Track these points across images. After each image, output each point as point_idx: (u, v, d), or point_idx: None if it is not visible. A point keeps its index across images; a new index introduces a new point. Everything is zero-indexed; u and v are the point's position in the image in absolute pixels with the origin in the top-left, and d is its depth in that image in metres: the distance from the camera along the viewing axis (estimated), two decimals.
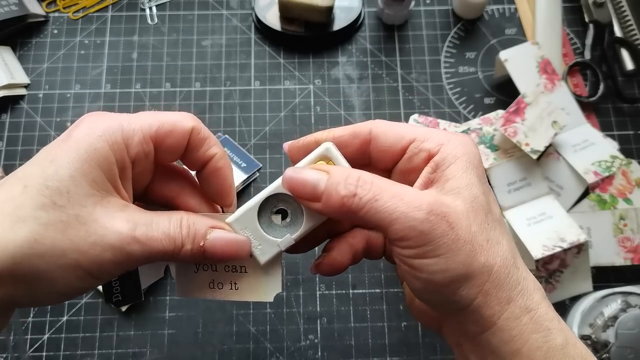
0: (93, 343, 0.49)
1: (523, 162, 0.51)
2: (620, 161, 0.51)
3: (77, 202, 0.23)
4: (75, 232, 0.22)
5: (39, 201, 0.22)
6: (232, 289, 0.28)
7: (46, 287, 0.23)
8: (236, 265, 0.28)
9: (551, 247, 0.47)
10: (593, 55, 0.59)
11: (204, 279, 0.29)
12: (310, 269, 0.29)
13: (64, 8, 0.61)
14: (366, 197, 0.23)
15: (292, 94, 0.58)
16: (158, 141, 0.26)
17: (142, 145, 0.25)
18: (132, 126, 0.25)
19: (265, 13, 0.60)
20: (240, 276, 0.28)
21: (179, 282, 0.29)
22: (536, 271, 0.49)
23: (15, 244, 0.22)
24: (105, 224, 0.23)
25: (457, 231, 0.23)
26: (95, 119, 0.25)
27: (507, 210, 0.51)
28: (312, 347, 0.50)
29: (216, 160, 0.28)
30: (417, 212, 0.23)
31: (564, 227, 0.48)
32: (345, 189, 0.24)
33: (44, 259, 0.22)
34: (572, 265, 0.49)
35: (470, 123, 0.54)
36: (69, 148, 0.23)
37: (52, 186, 0.22)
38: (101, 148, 0.24)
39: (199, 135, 0.27)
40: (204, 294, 0.29)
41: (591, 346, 0.45)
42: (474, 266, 0.23)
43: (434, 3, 0.62)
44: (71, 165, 0.23)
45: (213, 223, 0.26)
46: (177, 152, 0.27)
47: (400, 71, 0.59)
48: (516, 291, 0.24)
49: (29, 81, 0.58)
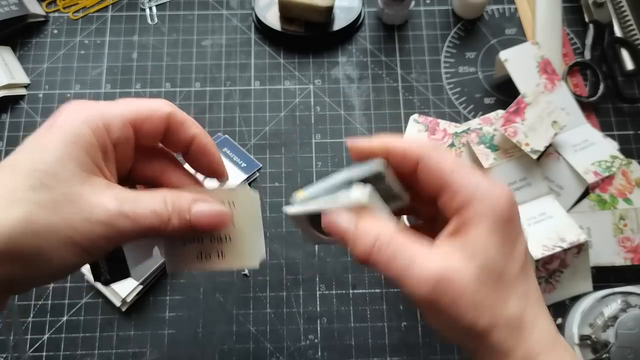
0: (93, 343, 0.49)
1: (523, 162, 0.51)
2: (620, 161, 0.51)
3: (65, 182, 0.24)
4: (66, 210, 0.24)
5: (29, 183, 0.23)
6: (219, 257, 0.30)
7: (42, 264, 0.24)
8: (221, 235, 0.30)
9: (551, 247, 0.47)
10: (593, 55, 0.59)
11: (192, 252, 0.30)
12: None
13: (64, 8, 0.61)
14: (382, 259, 0.25)
15: (292, 94, 0.58)
16: (137, 126, 0.27)
17: (122, 130, 0.26)
18: (112, 112, 0.26)
19: (265, 13, 0.60)
20: (226, 245, 0.30)
21: (169, 258, 0.31)
22: (536, 271, 0.49)
23: (10, 224, 0.23)
24: (93, 202, 0.24)
25: (459, 300, 0.24)
26: (76, 107, 0.26)
27: None
28: (312, 347, 0.50)
29: (199, 139, 0.29)
30: (423, 283, 0.24)
31: (564, 227, 0.48)
32: (366, 246, 0.26)
33: (39, 236, 0.23)
34: (572, 265, 0.49)
35: (470, 123, 0.54)
36: (53, 134, 0.25)
37: (41, 169, 0.24)
38: (84, 133, 0.25)
39: (176, 118, 0.28)
40: (194, 266, 0.30)
41: (591, 346, 0.45)
42: (476, 330, 0.24)
43: (434, 3, 0.62)
44: (57, 150, 0.24)
45: (195, 197, 0.28)
46: (156, 136, 0.28)
47: (400, 71, 0.59)
48: (520, 349, 0.25)
49: (29, 81, 0.58)
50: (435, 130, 0.52)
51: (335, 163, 0.56)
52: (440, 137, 0.52)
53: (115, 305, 0.50)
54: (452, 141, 0.51)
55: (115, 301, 0.50)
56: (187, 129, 0.29)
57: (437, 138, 0.52)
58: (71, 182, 0.24)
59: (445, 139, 0.52)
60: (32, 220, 0.23)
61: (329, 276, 0.52)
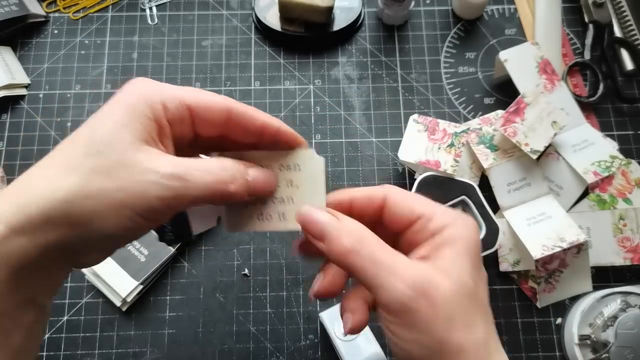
0: (93, 343, 0.49)
1: (523, 162, 0.51)
2: (619, 161, 0.51)
3: (120, 149, 0.25)
4: (120, 175, 0.24)
5: (84, 151, 0.24)
6: (280, 219, 0.30)
7: (98, 229, 0.24)
8: (284, 196, 0.30)
9: (551, 247, 0.47)
10: (593, 56, 0.59)
11: (253, 213, 0.31)
12: (308, 297, 0.30)
13: (64, 8, 0.61)
14: (364, 257, 0.26)
15: (292, 94, 0.58)
16: (194, 112, 0.28)
17: (178, 110, 0.27)
18: (172, 92, 0.27)
19: (265, 13, 0.60)
20: (287, 206, 0.30)
21: (228, 218, 0.31)
22: (536, 271, 0.49)
23: (66, 190, 0.23)
24: (147, 166, 0.25)
25: (437, 310, 0.24)
26: (138, 83, 0.27)
27: (506, 210, 0.51)
28: (312, 347, 0.50)
29: (270, 126, 0.29)
30: (404, 287, 0.25)
31: (563, 227, 0.48)
32: (348, 242, 0.26)
33: (94, 200, 0.24)
34: (571, 265, 0.49)
35: (470, 123, 0.54)
36: (111, 108, 0.26)
37: (96, 138, 0.25)
38: (141, 106, 0.26)
39: (238, 111, 0.28)
40: (254, 226, 0.31)
41: (591, 346, 0.45)
42: (448, 346, 0.24)
43: (433, 3, 0.62)
44: (113, 120, 0.25)
45: (247, 164, 0.29)
46: (215, 126, 0.29)
47: (400, 71, 0.59)
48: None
49: (29, 81, 0.58)
50: (435, 130, 0.52)
51: (336, 163, 0.56)
52: (440, 137, 0.52)
53: (116, 305, 0.50)
54: (452, 141, 0.51)
55: (115, 301, 0.50)
56: (252, 119, 0.29)
57: (436, 138, 0.52)
58: (126, 149, 0.25)
59: (445, 138, 0.52)
60: (87, 185, 0.24)
61: None
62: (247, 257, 0.52)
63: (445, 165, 0.50)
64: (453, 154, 0.51)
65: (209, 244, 0.53)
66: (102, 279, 0.49)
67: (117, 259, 0.50)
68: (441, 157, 0.51)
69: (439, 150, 0.51)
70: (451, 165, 0.50)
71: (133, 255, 0.50)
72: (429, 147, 0.52)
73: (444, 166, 0.50)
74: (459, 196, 0.48)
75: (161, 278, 0.51)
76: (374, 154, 0.56)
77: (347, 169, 0.55)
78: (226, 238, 0.53)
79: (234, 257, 0.52)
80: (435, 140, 0.52)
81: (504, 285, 0.51)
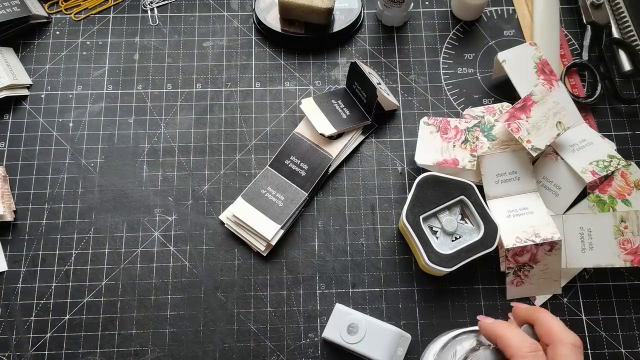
0: (95, 342, 0.50)
1: (517, 156, 0.51)
2: (618, 160, 0.51)
3: None
4: None
5: None
6: None
7: None
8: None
9: (524, 240, 0.48)
10: (591, 56, 0.59)
11: None
12: None
13: (66, 9, 0.62)
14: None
15: (292, 94, 0.59)
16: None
17: None
18: None
19: (265, 15, 0.60)
20: None
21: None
22: (505, 261, 0.50)
23: None
24: None
25: None
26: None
27: (491, 200, 0.51)
28: (312, 346, 0.50)
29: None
30: None
31: (541, 224, 0.49)
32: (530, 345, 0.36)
33: None
34: (543, 262, 0.49)
35: (474, 110, 0.55)
36: None
37: None
38: None
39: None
40: None
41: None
42: None
43: (432, 5, 0.63)
44: None
45: None
46: None
47: (399, 72, 0.60)
48: None
49: (31, 82, 0.58)
50: (447, 129, 0.53)
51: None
52: (453, 135, 0.53)
53: (260, 250, 0.51)
54: (465, 137, 0.52)
55: (259, 246, 0.51)
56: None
57: (449, 137, 0.52)
58: None
59: (458, 135, 0.52)
60: None
61: (328, 275, 0.52)
62: (247, 257, 0.53)
63: (463, 161, 0.51)
64: (469, 149, 0.52)
65: (210, 243, 0.53)
66: (245, 225, 0.52)
67: (258, 206, 0.52)
68: (458, 154, 0.51)
69: (454, 148, 0.52)
70: (469, 161, 0.51)
71: (271, 201, 0.53)
72: (443, 146, 0.52)
73: (462, 163, 0.51)
74: (458, 196, 0.48)
75: (162, 277, 0.52)
76: (373, 154, 0.56)
77: (347, 169, 0.56)
78: (226, 238, 0.53)
79: (234, 257, 0.53)
80: (449, 139, 0.52)
81: (503, 285, 0.52)
